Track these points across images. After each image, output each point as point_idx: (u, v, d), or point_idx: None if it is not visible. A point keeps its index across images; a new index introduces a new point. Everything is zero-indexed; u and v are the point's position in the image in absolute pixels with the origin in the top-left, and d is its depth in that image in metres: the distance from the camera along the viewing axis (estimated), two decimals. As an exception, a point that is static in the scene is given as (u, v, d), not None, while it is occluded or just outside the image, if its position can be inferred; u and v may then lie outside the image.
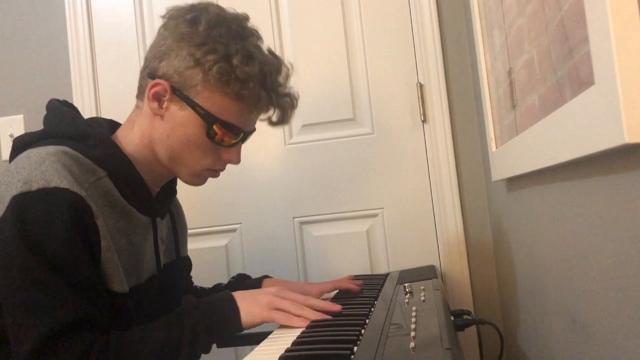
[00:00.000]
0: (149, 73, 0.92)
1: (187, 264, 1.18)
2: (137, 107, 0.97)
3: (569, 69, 0.62)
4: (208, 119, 0.90)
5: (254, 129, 1.00)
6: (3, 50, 1.76)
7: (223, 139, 0.92)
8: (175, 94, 0.90)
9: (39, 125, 0.94)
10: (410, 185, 1.57)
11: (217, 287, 1.23)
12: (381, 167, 1.58)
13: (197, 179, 0.98)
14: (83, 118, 0.97)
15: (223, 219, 1.64)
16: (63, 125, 0.92)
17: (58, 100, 0.98)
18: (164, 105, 0.91)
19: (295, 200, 1.61)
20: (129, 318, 0.86)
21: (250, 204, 1.64)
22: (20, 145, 0.90)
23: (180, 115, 0.91)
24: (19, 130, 1.72)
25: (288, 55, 1.63)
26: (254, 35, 0.94)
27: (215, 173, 0.98)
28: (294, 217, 1.62)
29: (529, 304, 1.05)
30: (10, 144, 1.73)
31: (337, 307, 0.88)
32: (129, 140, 0.94)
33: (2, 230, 0.77)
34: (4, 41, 1.76)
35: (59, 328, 0.74)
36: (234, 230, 1.65)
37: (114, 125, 1.00)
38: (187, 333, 0.82)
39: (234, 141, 0.94)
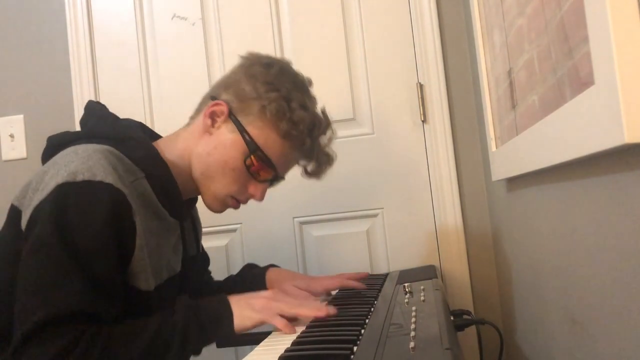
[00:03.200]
0: (212, 96, 1.00)
1: (205, 258, 1.28)
2: (188, 124, 1.04)
3: (569, 69, 0.62)
4: (251, 146, 0.96)
5: (284, 178, 1.05)
6: (3, 50, 1.76)
7: (257, 171, 0.98)
8: (231, 117, 0.97)
9: (39, 125, 0.95)
10: (410, 185, 1.57)
11: (228, 280, 1.27)
12: (381, 167, 1.58)
13: (218, 204, 1.02)
14: (120, 120, 1.01)
15: (223, 219, 1.63)
16: (104, 126, 0.97)
17: (97, 103, 1.04)
18: (217, 124, 0.98)
19: (295, 200, 1.61)
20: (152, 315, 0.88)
21: (250, 204, 1.63)
22: (56, 144, 0.93)
23: (227, 137, 0.97)
24: (19, 130, 1.72)
25: (288, 56, 1.63)
26: (313, 96, 1.05)
27: (236, 204, 1.03)
28: (294, 217, 1.62)
29: (529, 304, 1.05)
30: (10, 143, 1.75)
31: (321, 314, 0.86)
32: (171, 149, 0.99)
33: (41, 212, 0.79)
34: (4, 41, 1.76)
35: (58, 316, 0.74)
36: (234, 230, 1.65)
37: (143, 128, 1.05)
38: (178, 333, 0.82)
39: (265, 177, 1.00)
